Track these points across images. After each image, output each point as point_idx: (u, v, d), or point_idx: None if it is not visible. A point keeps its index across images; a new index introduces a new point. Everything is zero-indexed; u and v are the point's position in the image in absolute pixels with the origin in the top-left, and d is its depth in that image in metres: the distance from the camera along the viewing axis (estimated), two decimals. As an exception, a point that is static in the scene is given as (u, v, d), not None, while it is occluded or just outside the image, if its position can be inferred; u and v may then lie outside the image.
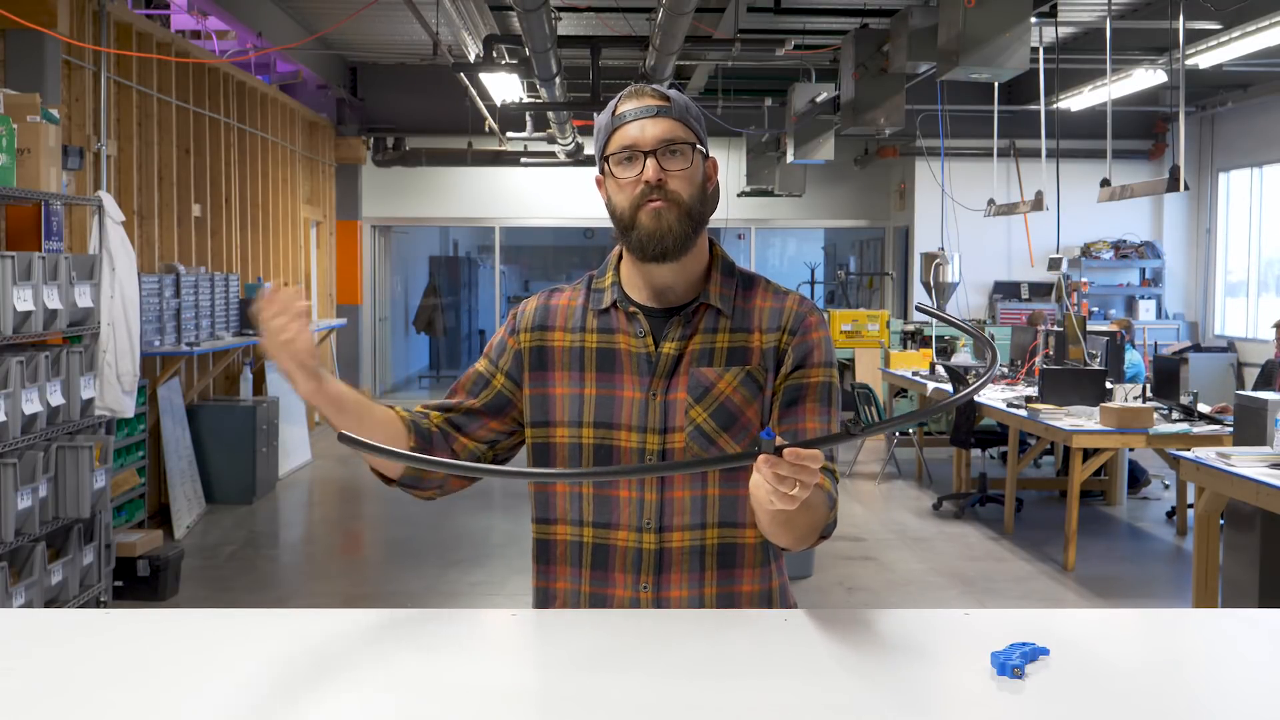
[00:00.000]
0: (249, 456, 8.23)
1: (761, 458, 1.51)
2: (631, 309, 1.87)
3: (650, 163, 1.79)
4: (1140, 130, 12.96)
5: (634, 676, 1.53)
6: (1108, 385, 7.39)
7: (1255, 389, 7.66)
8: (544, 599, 1.92)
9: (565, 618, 1.83)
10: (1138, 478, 8.65)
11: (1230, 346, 12.23)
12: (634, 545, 1.84)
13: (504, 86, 9.46)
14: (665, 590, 1.84)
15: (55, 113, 5.57)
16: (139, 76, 7.53)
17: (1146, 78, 9.22)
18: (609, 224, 1.87)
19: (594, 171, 1.90)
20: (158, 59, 7.75)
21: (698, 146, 1.84)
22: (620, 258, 1.92)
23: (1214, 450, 5.20)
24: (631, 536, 1.84)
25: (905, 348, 11.13)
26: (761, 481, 1.53)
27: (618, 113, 1.83)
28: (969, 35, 6.08)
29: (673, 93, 1.86)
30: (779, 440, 1.51)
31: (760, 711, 1.41)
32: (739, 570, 1.86)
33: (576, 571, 1.88)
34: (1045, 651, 1.56)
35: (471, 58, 8.41)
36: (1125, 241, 13.16)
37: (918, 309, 3.07)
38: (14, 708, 1.42)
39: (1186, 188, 7.07)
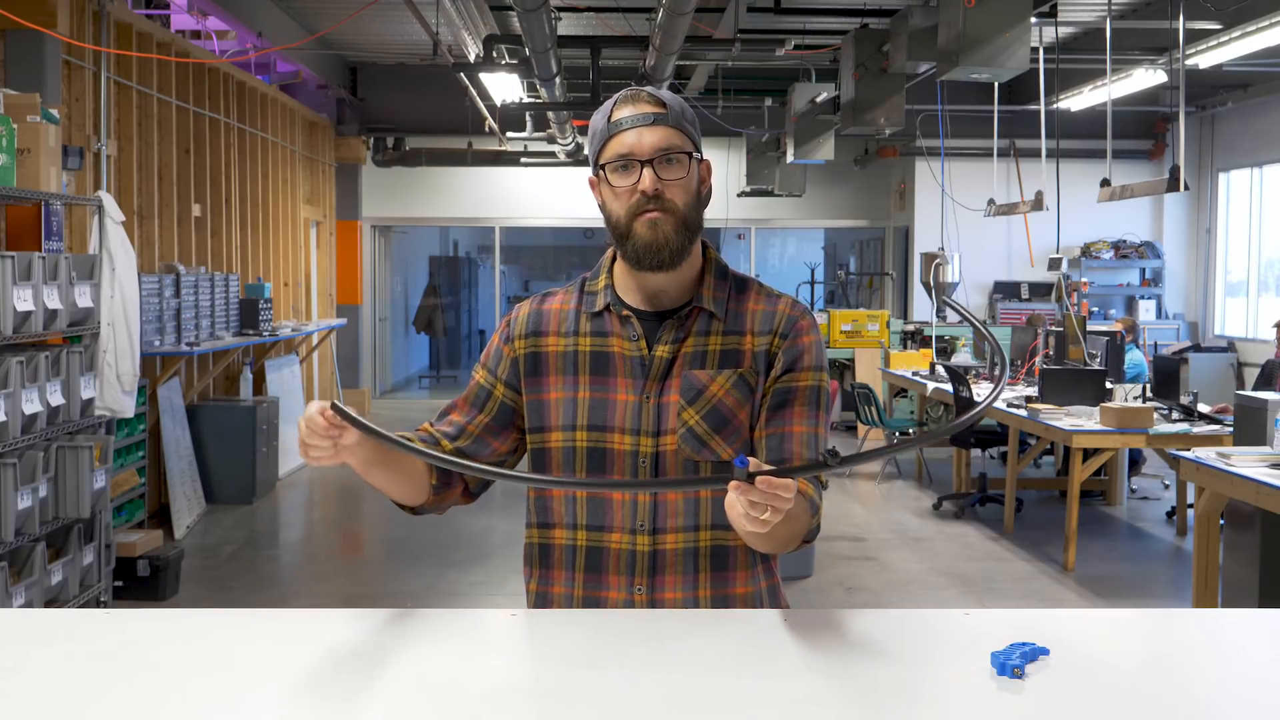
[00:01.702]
0: (249, 456, 8.23)
1: (734, 484, 1.51)
2: (625, 312, 1.87)
3: (647, 173, 1.79)
4: (1140, 130, 12.96)
5: (634, 676, 1.53)
6: (1108, 385, 7.39)
7: (1255, 389, 7.66)
8: (541, 604, 1.92)
9: (564, 618, 1.83)
10: (1135, 460, 8.67)
11: (1230, 346, 12.23)
12: (628, 547, 1.84)
13: (504, 86, 9.47)
14: (659, 592, 1.84)
15: (55, 113, 5.57)
16: (139, 76, 7.53)
17: (1146, 78, 9.22)
18: None
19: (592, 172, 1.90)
20: (158, 59, 7.74)
21: (693, 154, 1.83)
22: (613, 260, 1.91)
23: (1214, 450, 5.20)
24: (625, 539, 1.85)
25: (905, 348, 11.14)
26: (735, 503, 1.54)
27: (613, 119, 1.82)
28: (969, 35, 6.08)
29: (668, 96, 1.84)
30: (754, 466, 1.51)
31: (760, 711, 1.41)
32: (732, 572, 1.87)
33: (570, 575, 1.88)
34: (1045, 651, 1.56)
35: (471, 58, 8.41)
36: (1125, 241, 13.16)
37: (944, 303, 3.08)
38: (14, 708, 1.42)
39: (1186, 188, 7.06)
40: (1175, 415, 6.85)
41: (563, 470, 1.87)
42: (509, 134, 12.12)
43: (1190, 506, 6.39)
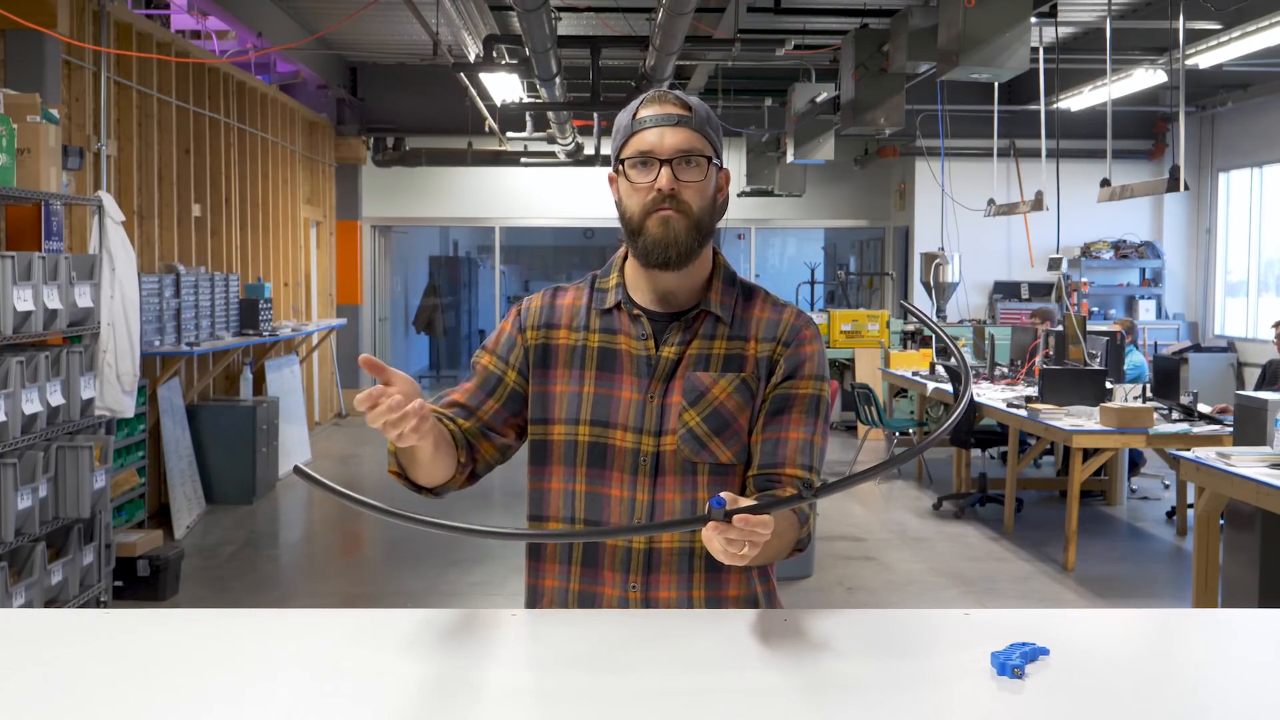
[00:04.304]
0: (249, 456, 8.23)
1: (710, 525, 1.53)
2: (635, 311, 1.89)
3: (665, 171, 1.81)
4: (1140, 130, 12.96)
5: (635, 676, 1.53)
6: (1108, 385, 7.39)
7: (1256, 389, 7.66)
8: (534, 597, 1.94)
9: (564, 618, 1.83)
10: (1135, 461, 8.67)
11: (1230, 346, 12.23)
12: (624, 544, 1.86)
13: (504, 86, 9.46)
14: (654, 590, 1.86)
15: (55, 113, 5.57)
16: (139, 76, 7.53)
17: (1146, 78, 9.22)
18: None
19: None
20: (158, 59, 7.74)
21: (713, 160, 1.85)
22: (625, 259, 1.93)
23: (1214, 450, 5.20)
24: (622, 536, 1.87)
25: (905, 348, 11.14)
26: (712, 539, 1.55)
27: (638, 116, 1.85)
28: (969, 35, 6.08)
29: (695, 101, 1.87)
30: (730, 504, 1.53)
31: (760, 711, 1.41)
32: (725, 574, 1.88)
33: (566, 569, 1.90)
34: (1045, 651, 1.56)
35: (471, 58, 8.41)
36: (1125, 241, 13.16)
37: (904, 307, 3.06)
38: (14, 708, 1.42)
39: (1186, 188, 7.06)
40: (1175, 415, 6.84)
41: (563, 464, 1.89)
42: (509, 134, 12.12)
43: (1190, 506, 6.39)
